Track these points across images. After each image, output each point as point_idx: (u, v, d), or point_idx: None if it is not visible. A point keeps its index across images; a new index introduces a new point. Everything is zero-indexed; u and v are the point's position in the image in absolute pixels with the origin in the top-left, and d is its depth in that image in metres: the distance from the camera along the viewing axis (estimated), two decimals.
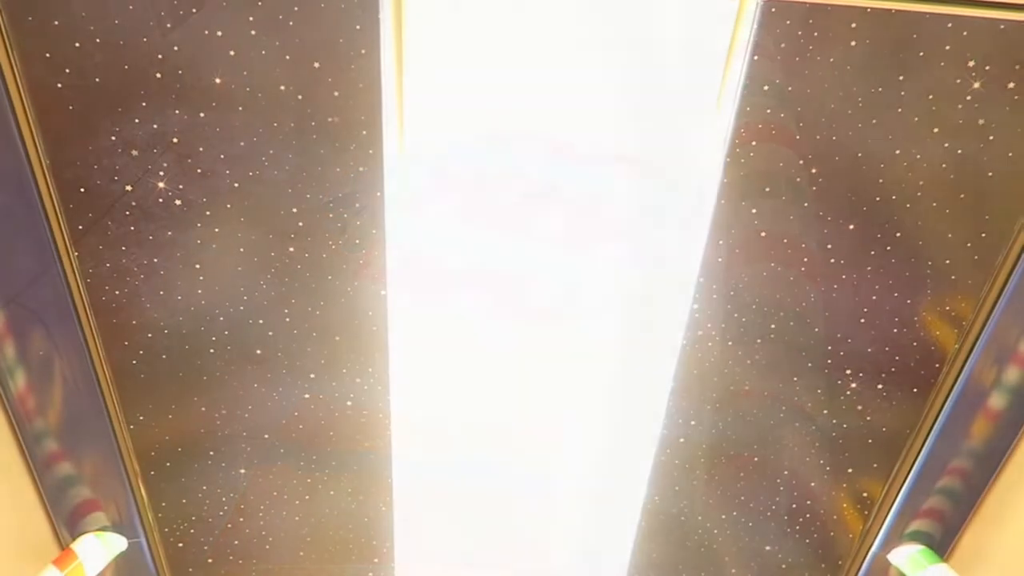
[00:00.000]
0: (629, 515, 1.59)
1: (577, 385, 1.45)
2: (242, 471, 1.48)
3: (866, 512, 1.53)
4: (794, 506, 1.54)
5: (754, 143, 1.16)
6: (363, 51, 1.07)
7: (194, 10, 1.03)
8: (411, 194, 1.23)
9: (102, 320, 1.28)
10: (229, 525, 1.56)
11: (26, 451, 1.41)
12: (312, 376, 1.36)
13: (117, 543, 1.52)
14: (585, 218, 1.26)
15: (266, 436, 1.44)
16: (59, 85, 1.06)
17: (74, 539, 1.51)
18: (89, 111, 1.09)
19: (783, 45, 1.08)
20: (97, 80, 1.06)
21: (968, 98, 1.10)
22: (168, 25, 1.03)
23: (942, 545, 1.54)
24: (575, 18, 1.09)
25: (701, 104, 1.17)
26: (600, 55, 1.12)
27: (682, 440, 1.47)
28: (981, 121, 1.11)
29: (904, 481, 1.47)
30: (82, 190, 1.15)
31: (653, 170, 1.22)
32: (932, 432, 1.41)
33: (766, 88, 1.11)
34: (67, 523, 1.51)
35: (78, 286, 1.25)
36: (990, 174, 1.16)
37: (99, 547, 1.48)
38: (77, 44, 1.03)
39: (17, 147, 1.11)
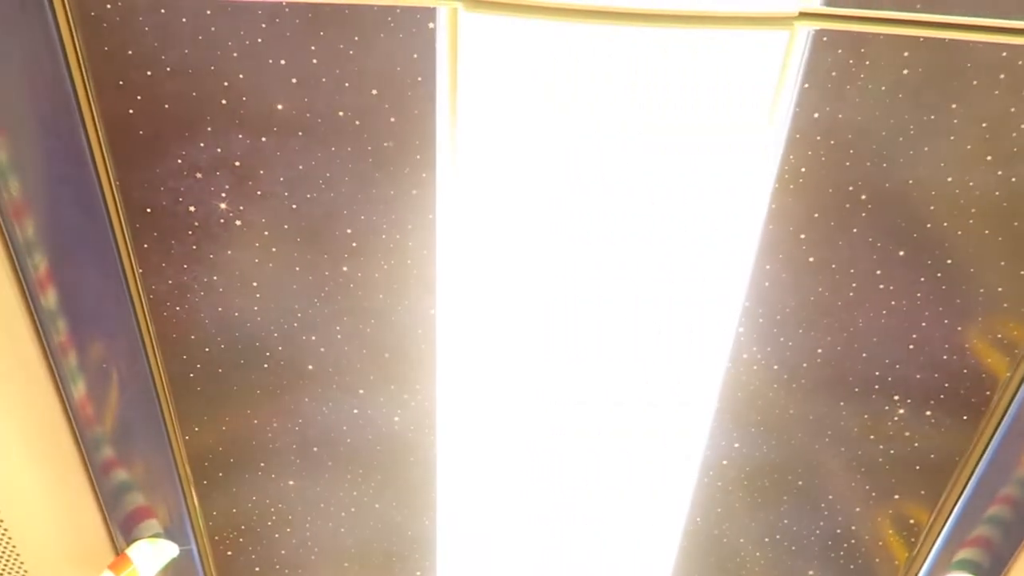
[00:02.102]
0: (670, 536, 1.59)
1: (621, 405, 1.46)
2: (291, 483, 1.52)
3: (912, 539, 1.51)
4: (838, 531, 1.53)
5: (803, 169, 1.16)
6: (419, 79, 1.10)
7: (259, 40, 1.07)
8: (462, 217, 1.25)
9: (162, 334, 1.33)
10: (276, 535, 1.60)
11: (85, 457, 1.46)
12: (361, 392, 1.40)
13: (169, 550, 1.56)
14: (633, 241, 1.27)
15: (315, 449, 1.47)
16: (130, 111, 1.11)
17: (128, 545, 1.56)
18: (157, 136, 1.14)
19: (834, 73, 1.08)
20: (166, 107, 1.11)
21: (1023, 126, 1.09)
22: (235, 54, 1.07)
23: (991, 574, 1.51)
24: (627, 47, 1.11)
25: (750, 130, 1.17)
26: (651, 79, 1.14)
27: (725, 462, 1.47)
28: None
29: (952, 509, 1.45)
30: (148, 210, 1.20)
31: (702, 194, 1.23)
32: (982, 459, 1.39)
33: (816, 116, 1.12)
34: (122, 529, 1.56)
35: (141, 302, 1.30)
36: None
37: (152, 553, 1.53)
38: (149, 73, 1.08)
39: (89, 169, 1.16)
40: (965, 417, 1.36)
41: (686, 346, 1.38)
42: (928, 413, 1.36)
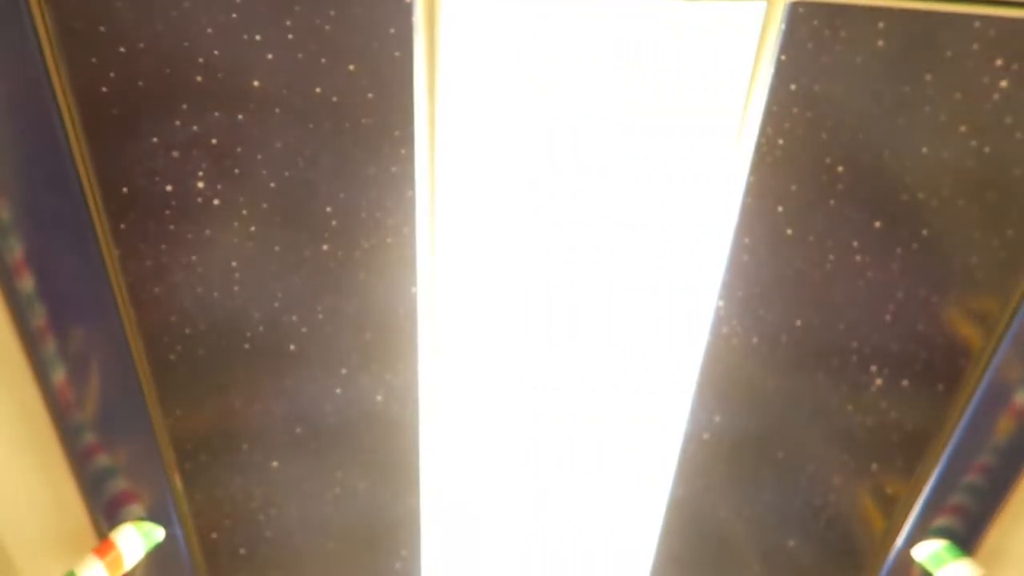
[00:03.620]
0: (652, 510, 1.61)
1: (602, 381, 1.47)
2: (274, 464, 1.52)
3: (891, 508, 1.54)
4: (818, 502, 1.55)
5: (780, 142, 1.17)
6: (396, 54, 1.09)
7: (233, 15, 1.06)
8: (442, 194, 1.25)
9: (141, 316, 1.32)
10: (261, 517, 1.60)
11: (66, 443, 1.45)
12: (343, 372, 1.39)
13: (155, 533, 1.56)
14: (612, 216, 1.28)
15: (298, 430, 1.47)
16: (104, 89, 1.10)
17: (111, 529, 1.55)
18: (132, 114, 1.12)
19: (810, 45, 1.09)
20: (140, 84, 1.10)
21: (995, 97, 1.10)
22: (209, 30, 1.06)
23: (967, 541, 1.54)
24: (606, 24, 1.11)
25: (728, 102, 1.18)
26: (629, 53, 1.14)
27: (706, 436, 1.48)
28: (1008, 120, 1.12)
29: (929, 478, 1.48)
30: (124, 190, 1.19)
31: (679, 168, 1.24)
32: (957, 429, 1.42)
33: (793, 87, 1.12)
34: (105, 514, 1.55)
35: (119, 283, 1.29)
36: (1017, 173, 1.16)
37: (138, 537, 1.52)
38: (122, 49, 1.07)
39: (62, 149, 1.15)
40: (940, 387, 1.38)
41: (666, 321, 1.39)
42: (905, 384, 1.38)
